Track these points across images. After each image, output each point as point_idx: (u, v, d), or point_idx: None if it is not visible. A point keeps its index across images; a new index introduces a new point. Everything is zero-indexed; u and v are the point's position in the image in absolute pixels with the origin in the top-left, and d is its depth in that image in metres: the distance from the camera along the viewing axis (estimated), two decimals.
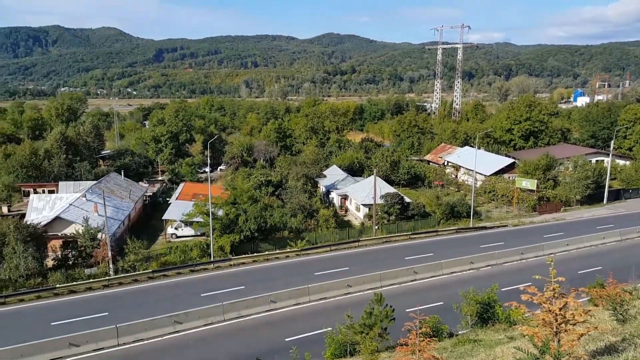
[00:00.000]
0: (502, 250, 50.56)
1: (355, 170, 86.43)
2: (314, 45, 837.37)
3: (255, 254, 51.69)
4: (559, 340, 10.42)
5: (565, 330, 10.51)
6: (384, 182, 72.03)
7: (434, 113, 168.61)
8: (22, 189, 74.99)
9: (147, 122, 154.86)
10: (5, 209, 67.03)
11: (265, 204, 61.03)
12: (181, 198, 66.80)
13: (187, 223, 57.91)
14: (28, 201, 63.28)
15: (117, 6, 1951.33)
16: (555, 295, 10.68)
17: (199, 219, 54.06)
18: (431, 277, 44.53)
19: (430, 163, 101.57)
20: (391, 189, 68.37)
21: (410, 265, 45.29)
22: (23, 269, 43.93)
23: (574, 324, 10.53)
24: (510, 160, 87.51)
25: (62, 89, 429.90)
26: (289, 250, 53.10)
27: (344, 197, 74.18)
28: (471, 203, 65.21)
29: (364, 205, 66.23)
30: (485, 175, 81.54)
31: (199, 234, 58.35)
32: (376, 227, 60.23)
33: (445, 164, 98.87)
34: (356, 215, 69.24)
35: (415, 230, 61.13)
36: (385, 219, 62.46)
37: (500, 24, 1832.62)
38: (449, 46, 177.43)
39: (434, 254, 50.77)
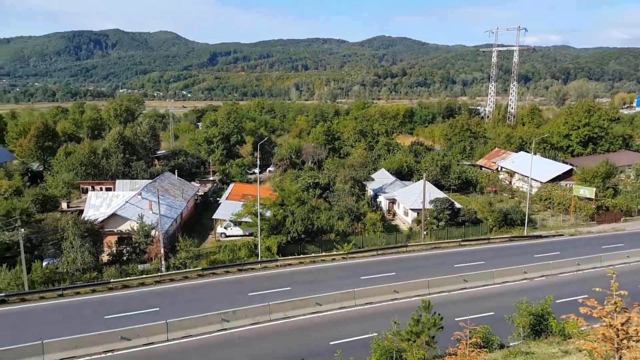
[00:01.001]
0: (557, 260, 48.29)
1: (404, 174, 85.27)
2: (364, 48, 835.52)
3: (301, 256, 51.92)
4: (620, 357, 9.75)
5: (628, 347, 9.82)
6: (434, 186, 70.63)
7: (488, 117, 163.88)
8: (81, 186, 78.64)
9: (200, 124, 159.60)
10: (64, 205, 70.69)
11: (313, 206, 61.18)
12: (231, 198, 68.12)
13: (236, 223, 58.96)
14: (86, 198, 66.31)
15: (174, 11, 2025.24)
16: (617, 309, 10.02)
17: (248, 219, 54.92)
18: (482, 286, 43.11)
19: (483, 168, 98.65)
20: (441, 194, 66.94)
21: (459, 273, 44.06)
22: (80, 263, 46.00)
23: (637, 341, 9.83)
24: (568, 167, 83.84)
25: (121, 91, 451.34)
26: (335, 253, 53.00)
27: (392, 201, 73.29)
28: (526, 210, 62.79)
29: (412, 209, 65.16)
30: (541, 182, 78.37)
31: (247, 234, 59.26)
32: (425, 233, 59.09)
33: (499, 169, 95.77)
34: (404, 219, 68.21)
35: (465, 237, 59.50)
36: (434, 224, 61.16)
37: (558, 25, 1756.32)
38: (505, 49, 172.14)
39: (485, 263, 49.21)
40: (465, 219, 62.07)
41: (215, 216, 62.85)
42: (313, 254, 52.80)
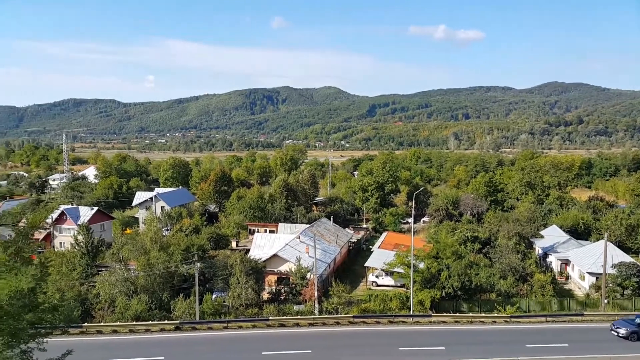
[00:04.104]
0: None
1: (579, 233, 75.68)
2: (533, 95, 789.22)
3: (457, 314, 48.50)
4: None
5: None
6: (618, 249, 61.20)
7: None
8: (249, 227, 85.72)
9: (356, 172, 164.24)
10: (234, 244, 77.47)
11: (471, 262, 57.42)
12: (383, 247, 67.52)
13: (388, 272, 57.91)
14: (253, 238, 71.72)
15: (338, 68, 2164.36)
16: None
17: (400, 269, 53.49)
18: None
19: None
20: (627, 258, 57.58)
21: None
22: (244, 299, 49.22)
23: None
24: None
25: (287, 142, 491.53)
26: (496, 315, 48.38)
27: (565, 262, 65.18)
28: None
29: (590, 273, 56.98)
30: None
31: (398, 284, 57.70)
32: (605, 301, 50.83)
33: None
34: (580, 284, 59.89)
35: None
36: (617, 292, 52.44)
37: None
38: None
39: None
40: None
41: (367, 264, 62.58)
42: (471, 313, 48.91)
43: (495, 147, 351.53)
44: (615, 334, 42.66)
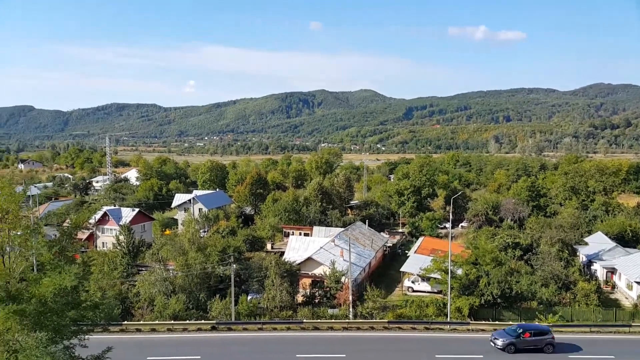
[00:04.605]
0: None
1: (627, 240, 72.27)
2: (577, 97, 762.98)
3: (496, 322, 47.12)
4: None
5: None
6: None
7: None
8: (284, 230, 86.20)
9: (392, 176, 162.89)
10: (269, 246, 78.07)
11: (511, 269, 55.89)
12: (419, 252, 66.51)
13: (424, 278, 56.96)
14: (287, 241, 72.04)
15: (375, 71, 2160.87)
16: None
17: (437, 275, 52.50)
18: None
19: None
20: None
21: None
22: (278, 301, 49.46)
23: None
24: None
25: (322, 145, 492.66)
26: (537, 324, 46.71)
27: (611, 271, 62.40)
28: None
29: (638, 283, 54.31)
30: None
31: (435, 290, 56.63)
32: None
33: None
34: (627, 294, 57.19)
35: None
36: None
37: None
38: None
39: None
40: None
41: (403, 269, 61.76)
42: (510, 322, 47.37)
43: (537, 151, 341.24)
44: (493, 345, 40.18)
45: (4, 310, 17.01)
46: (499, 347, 39.70)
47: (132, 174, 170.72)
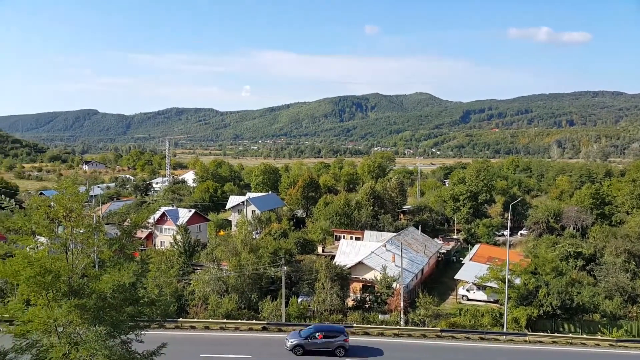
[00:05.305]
0: None
1: None
2: None
3: (555, 334, 44.84)
4: None
5: None
6: None
7: None
8: (335, 233, 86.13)
9: (447, 181, 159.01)
10: (320, 249, 78.17)
11: (572, 279, 53.19)
12: (475, 259, 64.51)
13: (480, 287, 55.12)
14: (338, 244, 71.88)
15: (430, 73, 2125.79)
16: None
17: (493, 284, 50.68)
18: None
19: None
20: None
21: None
22: (328, 304, 49.41)
23: None
24: None
25: (375, 149, 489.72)
26: (600, 337, 44.10)
27: None
28: None
29: None
30: None
31: (491, 300, 54.73)
32: None
33: None
34: None
35: None
36: None
37: None
38: None
39: None
40: None
41: (457, 276, 60.09)
42: (571, 334, 45.00)
43: (603, 157, 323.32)
44: (286, 347, 37.74)
45: (67, 304, 17.87)
46: (287, 348, 38.15)
47: (189, 176, 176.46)
